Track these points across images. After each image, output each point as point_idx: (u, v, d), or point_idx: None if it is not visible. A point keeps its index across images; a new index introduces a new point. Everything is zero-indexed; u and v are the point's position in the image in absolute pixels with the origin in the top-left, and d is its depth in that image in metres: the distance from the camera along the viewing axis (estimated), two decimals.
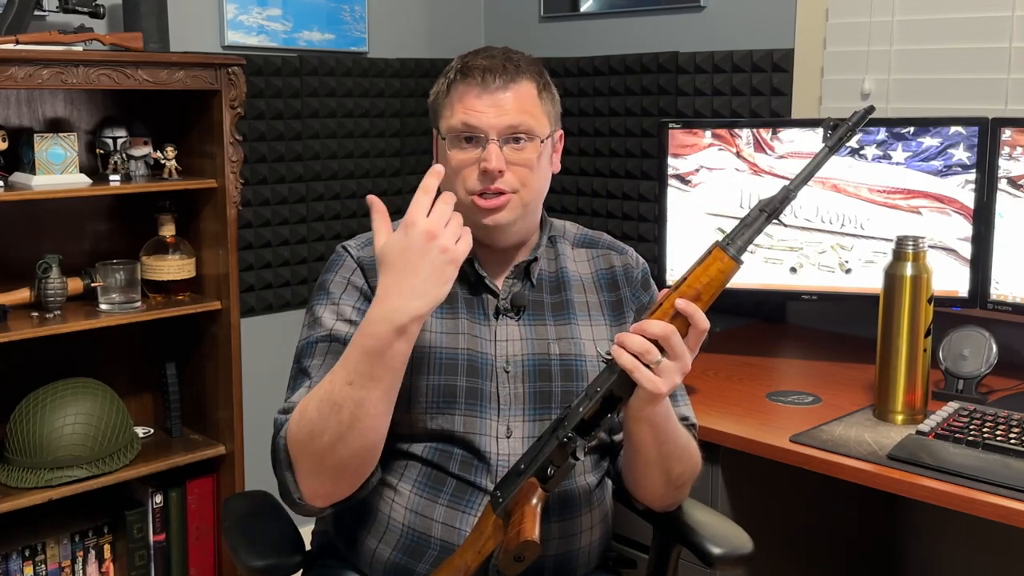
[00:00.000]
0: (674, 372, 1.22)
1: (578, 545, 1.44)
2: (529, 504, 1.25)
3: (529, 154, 1.40)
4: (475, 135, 1.38)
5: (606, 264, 1.54)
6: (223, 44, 2.58)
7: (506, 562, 1.24)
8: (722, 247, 1.24)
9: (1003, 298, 1.96)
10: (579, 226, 1.59)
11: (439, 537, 1.37)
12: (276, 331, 2.73)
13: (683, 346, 1.22)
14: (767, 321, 2.54)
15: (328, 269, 1.46)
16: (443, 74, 1.45)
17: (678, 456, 1.38)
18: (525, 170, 1.40)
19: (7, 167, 2.14)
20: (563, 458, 1.25)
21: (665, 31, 2.69)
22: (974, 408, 1.75)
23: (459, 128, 1.39)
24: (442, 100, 1.43)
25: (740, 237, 1.25)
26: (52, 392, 2.18)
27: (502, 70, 1.39)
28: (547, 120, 1.43)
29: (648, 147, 2.72)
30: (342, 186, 2.86)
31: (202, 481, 2.43)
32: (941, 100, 2.20)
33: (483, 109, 1.38)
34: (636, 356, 1.21)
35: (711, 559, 1.43)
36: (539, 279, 1.49)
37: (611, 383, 1.23)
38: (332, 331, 1.38)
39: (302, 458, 1.27)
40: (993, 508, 1.46)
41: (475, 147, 1.38)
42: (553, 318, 1.47)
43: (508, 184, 1.38)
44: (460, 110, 1.39)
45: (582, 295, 1.50)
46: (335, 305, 1.41)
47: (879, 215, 2.08)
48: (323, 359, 1.36)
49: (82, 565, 2.32)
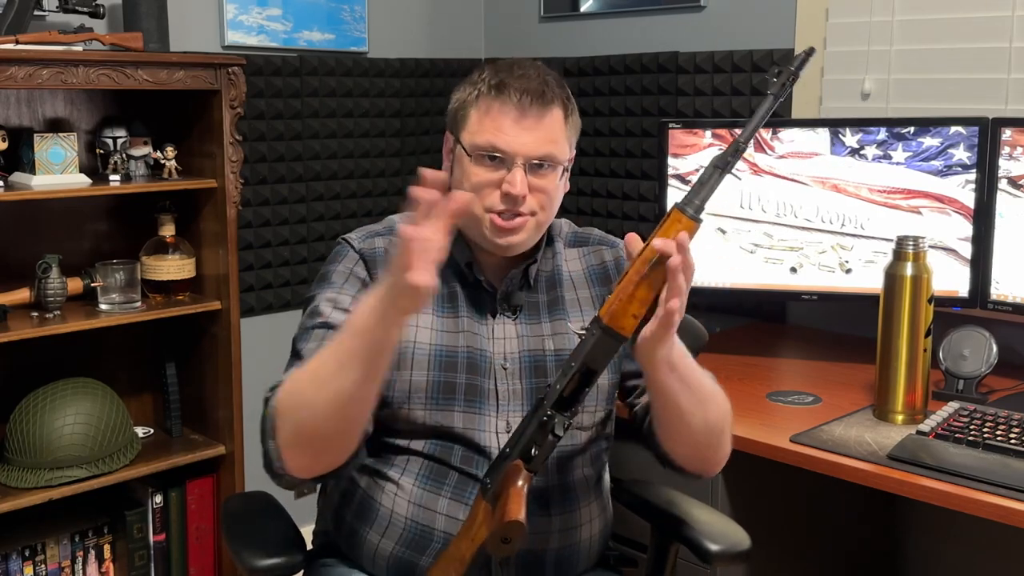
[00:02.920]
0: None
1: (579, 538, 1.45)
2: (515, 486, 1.24)
3: (550, 181, 1.39)
4: (501, 157, 1.36)
5: (597, 260, 1.55)
6: (223, 44, 2.58)
7: (494, 544, 1.24)
8: (680, 208, 1.22)
9: (1003, 298, 1.96)
10: (571, 224, 1.59)
11: (442, 529, 1.38)
12: (276, 331, 2.73)
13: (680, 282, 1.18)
14: (767, 321, 2.54)
15: (331, 260, 1.46)
16: (471, 81, 1.42)
17: (710, 398, 1.35)
18: (545, 196, 1.39)
19: (7, 167, 2.14)
20: (544, 436, 1.24)
21: (665, 31, 2.69)
22: (974, 408, 1.75)
23: (486, 147, 1.37)
24: (469, 110, 1.40)
25: (697, 196, 1.23)
26: (52, 392, 2.18)
27: (540, 96, 1.37)
28: (568, 146, 1.43)
29: (648, 147, 2.72)
30: (342, 186, 2.86)
31: (202, 481, 2.43)
32: (941, 100, 2.21)
33: (516, 134, 1.36)
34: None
35: (709, 556, 1.43)
36: (535, 279, 1.49)
37: (584, 355, 1.21)
38: (329, 319, 1.38)
39: (285, 426, 1.25)
40: (993, 508, 1.46)
41: (498, 168, 1.37)
42: (548, 315, 1.48)
43: (528, 208, 1.38)
44: (490, 129, 1.37)
45: (573, 292, 1.51)
46: (335, 294, 1.41)
47: (879, 215, 2.08)
48: (318, 344, 1.35)
49: (82, 565, 2.32)
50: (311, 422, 1.22)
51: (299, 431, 1.24)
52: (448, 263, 1.44)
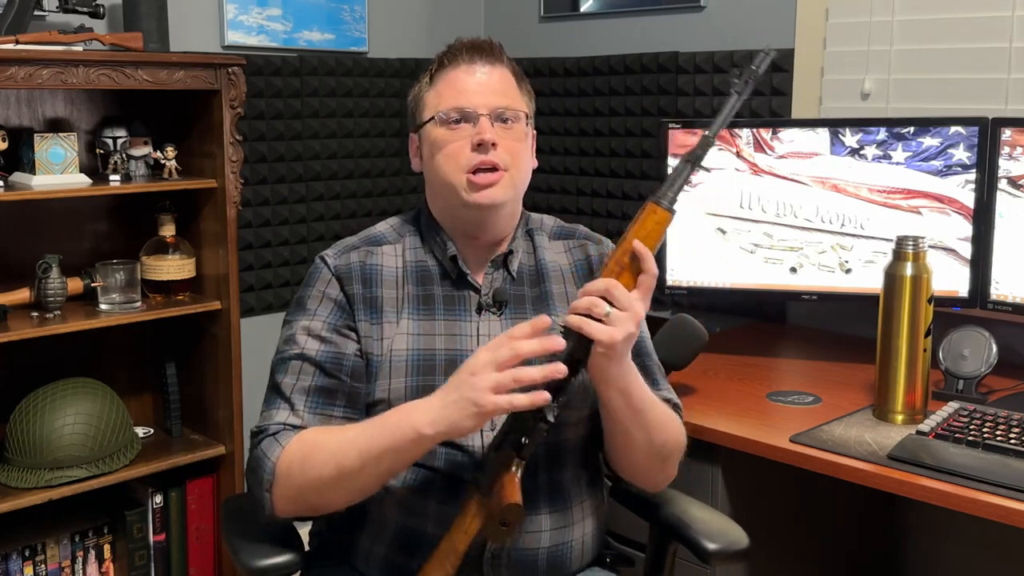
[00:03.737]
0: (625, 320, 1.24)
1: (571, 537, 1.44)
2: (508, 472, 1.26)
3: (516, 132, 1.43)
4: (465, 113, 1.41)
5: (582, 254, 1.55)
6: (223, 44, 2.58)
7: (493, 530, 1.25)
8: (655, 201, 1.27)
9: (1003, 298, 1.96)
10: (556, 219, 1.60)
11: (433, 532, 1.37)
12: (276, 331, 2.67)
13: (628, 296, 1.25)
14: (767, 321, 2.54)
15: (306, 282, 1.49)
16: (422, 76, 1.49)
17: (658, 426, 1.39)
18: (516, 145, 1.43)
19: (7, 167, 2.14)
20: (534, 424, 1.26)
21: (665, 31, 2.69)
22: (974, 408, 1.74)
23: (449, 109, 1.41)
24: (425, 92, 1.46)
25: (670, 189, 1.28)
26: (52, 392, 2.18)
27: (488, 51, 1.44)
28: (526, 107, 1.47)
29: (648, 147, 2.72)
30: (342, 186, 2.86)
31: (202, 481, 2.43)
32: (941, 100, 2.21)
33: (473, 88, 1.42)
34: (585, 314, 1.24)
35: (707, 555, 1.43)
36: (519, 272, 1.49)
37: (569, 347, 1.24)
38: (303, 350, 1.42)
39: (286, 492, 1.34)
40: (993, 508, 1.46)
41: (465, 127, 1.41)
42: (534, 311, 1.48)
43: (500, 159, 1.40)
44: (450, 94, 1.42)
45: (561, 286, 1.51)
46: (309, 321, 1.44)
47: (879, 215, 2.08)
48: (296, 378, 1.41)
49: (82, 565, 2.32)
50: (320, 498, 1.33)
51: (303, 500, 1.35)
52: (423, 263, 1.46)
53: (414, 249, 1.49)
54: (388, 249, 1.49)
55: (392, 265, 1.47)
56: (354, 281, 1.45)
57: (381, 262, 1.47)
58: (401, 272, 1.47)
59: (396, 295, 1.45)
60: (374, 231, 1.53)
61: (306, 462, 1.32)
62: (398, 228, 1.53)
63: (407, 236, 1.51)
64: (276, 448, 1.34)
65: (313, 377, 1.40)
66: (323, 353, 1.41)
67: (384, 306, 1.44)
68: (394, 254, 1.48)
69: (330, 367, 1.41)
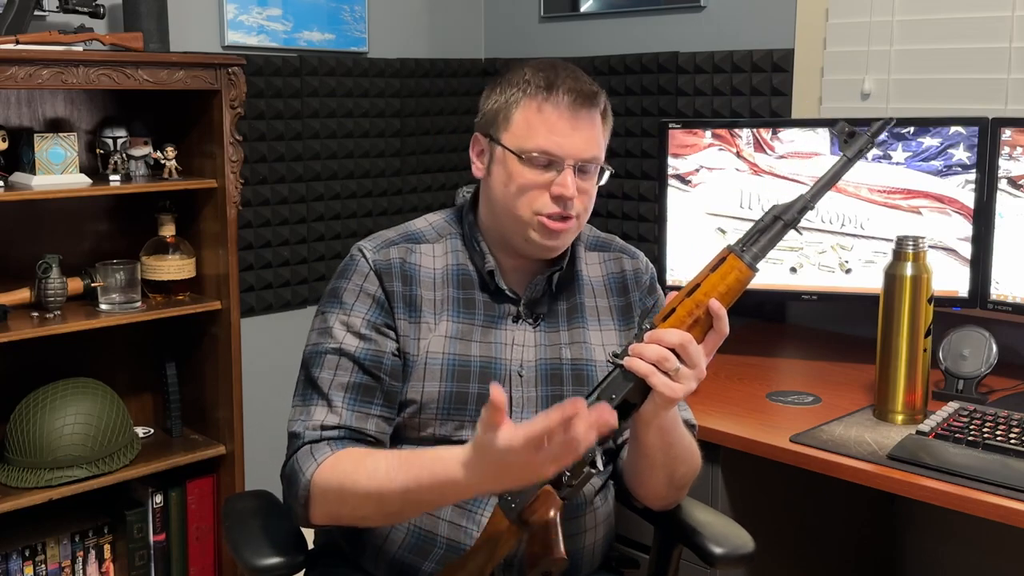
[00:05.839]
0: (691, 379, 1.22)
1: (582, 544, 1.45)
2: (549, 516, 1.23)
3: (592, 183, 1.41)
4: (552, 160, 1.36)
5: (617, 268, 1.54)
6: (223, 44, 2.58)
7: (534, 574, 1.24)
8: (737, 254, 1.24)
9: (1003, 298, 1.96)
10: (592, 227, 1.58)
11: (446, 536, 1.37)
12: (276, 331, 2.73)
13: (700, 353, 1.22)
14: (767, 321, 2.54)
15: (342, 274, 1.45)
16: (511, 83, 1.40)
17: (684, 459, 1.39)
18: (587, 198, 1.41)
19: (7, 167, 2.13)
20: (580, 467, 1.24)
21: (665, 31, 2.69)
22: (974, 408, 1.75)
23: (537, 149, 1.36)
24: (513, 111, 1.38)
25: (755, 244, 1.24)
26: (52, 392, 2.18)
27: (590, 98, 1.37)
28: (604, 151, 1.43)
29: (648, 147, 2.72)
30: (342, 186, 2.86)
31: (202, 481, 2.43)
32: (941, 100, 2.21)
33: (567, 135, 1.36)
34: (654, 364, 1.21)
35: (712, 559, 1.43)
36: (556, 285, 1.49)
37: (627, 391, 1.23)
38: (342, 345, 1.39)
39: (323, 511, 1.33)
40: (993, 508, 1.46)
41: (548, 170, 1.37)
42: (566, 323, 1.47)
43: (575, 210, 1.39)
44: (542, 131, 1.36)
45: (592, 299, 1.50)
46: (346, 316, 1.41)
47: (879, 215, 2.08)
48: (333, 372, 1.38)
49: (82, 565, 2.32)
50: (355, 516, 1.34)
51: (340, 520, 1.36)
52: (464, 267, 1.45)
53: (455, 252, 1.47)
54: (427, 248, 1.46)
55: (430, 266, 1.45)
56: (394, 278, 1.42)
57: (420, 262, 1.44)
58: (440, 274, 1.44)
59: (434, 296, 1.43)
60: (413, 227, 1.49)
61: (344, 495, 1.30)
62: (438, 227, 1.49)
63: (447, 238, 1.48)
64: (311, 464, 1.32)
65: (351, 374, 1.38)
66: (362, 350, 1.38)
67: (423, 306, 1.42)
68: (432, 254, 1.46)
69: (369, 365, 1.38)
